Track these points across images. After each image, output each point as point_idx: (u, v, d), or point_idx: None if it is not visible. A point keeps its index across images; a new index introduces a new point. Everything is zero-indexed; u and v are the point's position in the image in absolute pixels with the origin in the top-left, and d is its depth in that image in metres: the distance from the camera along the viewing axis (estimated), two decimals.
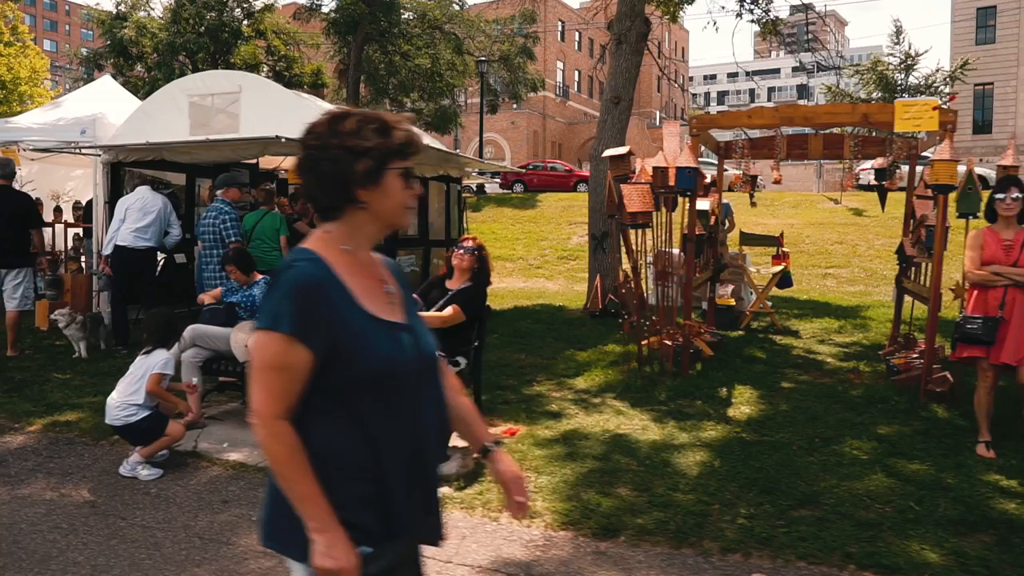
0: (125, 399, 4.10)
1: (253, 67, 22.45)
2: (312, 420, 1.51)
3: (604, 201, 9.38)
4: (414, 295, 4.68)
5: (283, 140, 6.31)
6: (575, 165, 31.51)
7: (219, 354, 4.87)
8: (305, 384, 1.49)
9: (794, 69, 62.91)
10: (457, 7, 21.86)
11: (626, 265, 8.32)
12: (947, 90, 26.69)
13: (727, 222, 9.51)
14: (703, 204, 7.01)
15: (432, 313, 4.45)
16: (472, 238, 4.81)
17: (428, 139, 10.30)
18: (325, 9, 21.36)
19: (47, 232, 9.23)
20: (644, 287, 9.98)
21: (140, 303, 7.09)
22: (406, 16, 21.46)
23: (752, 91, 68.39)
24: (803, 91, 68.78)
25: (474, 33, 21.70)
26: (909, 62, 26.80)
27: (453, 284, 4.69)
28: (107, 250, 6.97)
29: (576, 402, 5.56)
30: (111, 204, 8.00)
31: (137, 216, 6.89)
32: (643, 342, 7.36)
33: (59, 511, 3.66)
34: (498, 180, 24.01)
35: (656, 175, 6.04)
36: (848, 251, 16.45)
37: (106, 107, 8.89)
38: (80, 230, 10.12)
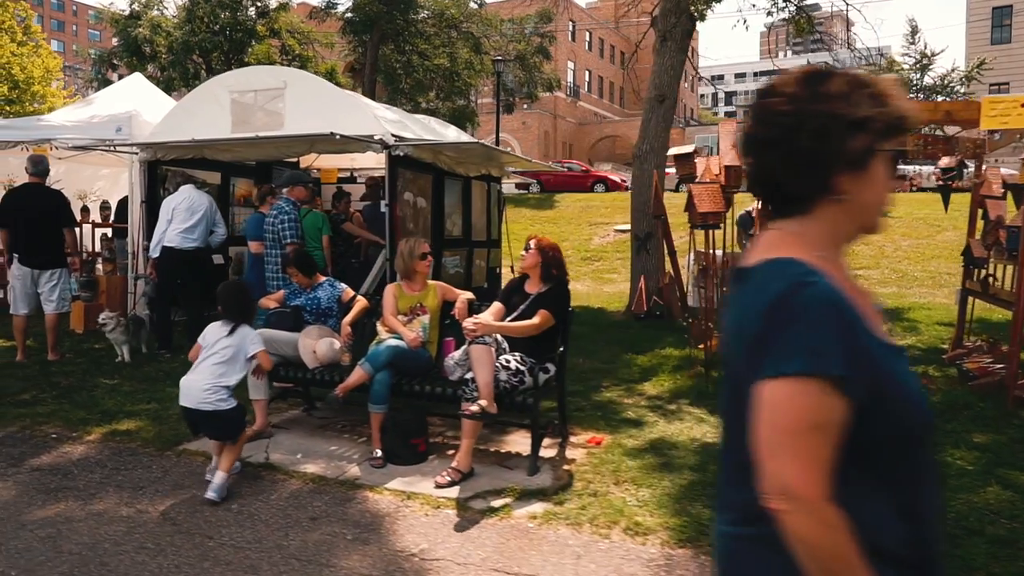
0: (216, 381, 3.75)
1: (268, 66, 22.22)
2: (843, 495, 1.09)
3: (648, 202, 9.21)
4: (496, 302, 4.50)
5: (338, 137, 6.08)
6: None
7: (285, 360, 4.64)
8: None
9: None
10: (476, 5, 21.62)
11: (677, 266, 8.23)
12: (963, 90, 26.51)
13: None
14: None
15: (526, 322, 4.22)
16: (537, 238, 4.58)
17: (465, 136, 10.08)
18: (341, 8, 21.14)
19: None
20: (686, 287, 9.84)
21: (184, 305, 6.88)
22: (423, 15, 21.22)
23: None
24: None
25: (490, 32, 21.45)
26: (924, 62, 26.65)
27: (532, 287, 4.46)
28: (155, 252, 6.73)
29: (652, 409, 5.33)
30: (148, 204, 7.79)
31: (184, 216, 6.66)
32: (700, 346, 7.17)
33: (140, 529, 3.43)
34: (514, 180, 23.75)
35: (729, 174, 5.81)
36: (875, 252, 16.21)
37: (139, 105, 8.65)
38: (108, 230, 9.90)
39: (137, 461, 4.27)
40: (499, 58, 21.53)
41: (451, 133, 9.07)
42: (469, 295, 4.79)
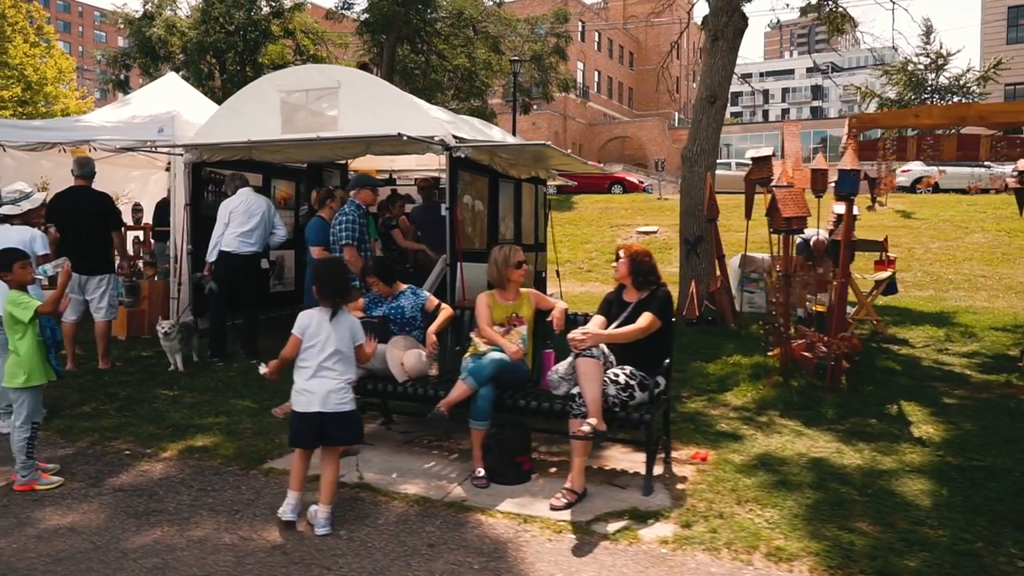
0: (343, 378, 3.48)
1: (282, 67, 21.94)
2: None
3: (699, 204, 9.00)
4: (596, 315, 4.27)
5: (405, 138, 5.85)
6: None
7: (371, 373, 4.40)
8: None
9: (808, 70, 62.69)
10: (495, 4, 21.37)
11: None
12: (979, 90, 26.35)
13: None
14: (840, 208, 6.54)
15: (632, 327, 3.99)
16: (625, 246, 4.36)
17: (511, 137, 9.85)
18: (357, 8, 20.87)
19: None
20: (733, 291, 9.62)
21: (242, 311, 6.64)
22: (439, 15, 20.98)
23: (766, 92, 68.08)
24: (817, 92, 68.59)
25: (507, 32, 21.23)
26: (940, 62, 26.47)
27: (630, 296, 4.23)
28: (212, 256, 6.49)
29: (743, 421, 5.11)
30: (192, 206, 7.55)
31: (241, 220, 6.43)
32: (770, 353, 6.95)
33: (250, 559, 3.19)
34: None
35: (815, 178, 5.60)
36: (905, 254, 16.01)
37: (178, 105, 8.43)
38: (140, 233, 9.65)
39: (223, 481, 4.03)
40: (516, 58, 21.30)
41: (495, 134, 8.83)
42: (564, 304, 4.57)
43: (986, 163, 19.78)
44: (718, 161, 30.92)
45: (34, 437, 3.97)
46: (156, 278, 8.20)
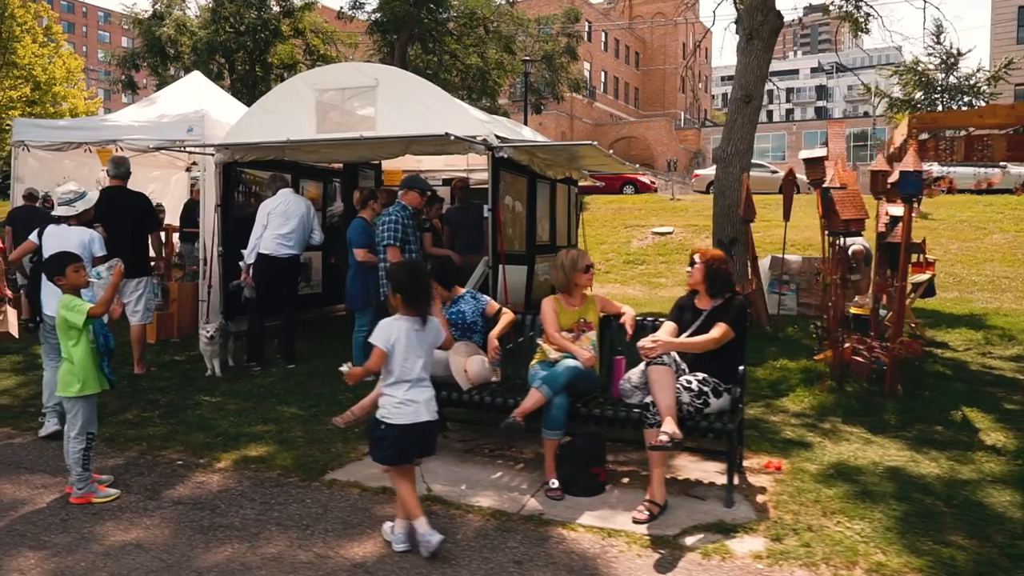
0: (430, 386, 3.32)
1: (291, 67, 21.82)
2: None
3: (733, 205, 8.86)
4: (668, 321, 4.12)
5: (452, 138, 5.70)
6: None
7: (433, 381, 4.24)
8: None
9: (812, 70, 62.59)
10: (508, 4, 21.22)
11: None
12: (989, 90, 26.24)
13: None
14: (896, 210, 6.40)
15: (705, 337, 3.85)
16: (700, 251, 4.22)
17: (540, 136, 9.70)
18: (369, 8, 20.72)
19: None
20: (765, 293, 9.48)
21: (280, 315, 6.49)
22: (451, 15, 20.82)
23: (771, 92, 67.89)
24: (822, 92, 68.43)
25: (519, 32, 21.08)
26: (951, 62, 26.38)
27: (703, 303, 4.09)
28: (250, 258, 6.34)
29: (807, 428, 4.96)
30: (224, 207, 7.39)
31: (280, 221, 6.27)
32: (817, 356, 6.81)
33: None
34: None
35: (875, 179, 5.46)
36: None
37: (205, 104, 8.27)
38: (162, 234, 9.49)
39: (286, 494, 3.88)
40: (527, 58, 21.14)
41: (526, 133, 8.69)
42: (632, 310, 4.43)
43: (1001, 164, 19.65)
44: None
45: (89, 448, 3.82)
46: (185, 279, 8.04)
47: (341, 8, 21.74)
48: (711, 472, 4.23)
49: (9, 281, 6.70)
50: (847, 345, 6.30)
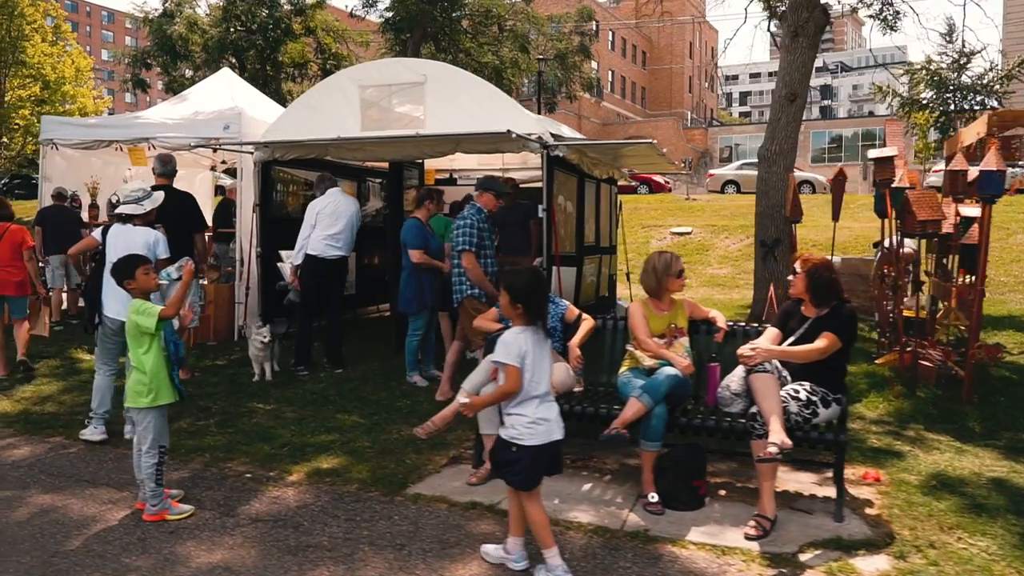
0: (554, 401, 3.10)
1: (302, 65, 21.60)
2: None
3: (777, 205, 8.68)
4: (771, 327, 3.92)
5: (514, 136, 5.50)
6: None
7: None
8: None
9: (817, 70, 62.40)
10: (523, 2, 21.02)
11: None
12: (1002, 89, 26.05)
13: None
14: (969, 211, 6.19)
15: (810, 346, 3.65)
16: (803, 257, 4.02)
17: (579, 134, 9.51)
18: (381, 6, 20.51)
19: None
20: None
21: (327, 318, 6.28)
22: (465, 13, 20.63)
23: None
24: (826, 91, 68.35)
25: (531, 30, 20.90)
26: (963, 61, 26.23)
27: (810, 311, 3.89)
28: (297, 259, 6.13)
29: (891, 435, 4.78)
30: (263, 207, 7.18)
31: (328, 222, 6.06)
32: (879, 360, 6.63)
33: None
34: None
35: (953, 180, 5.27)
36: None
37: (239, 101, 8.07)
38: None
39: (370, 510, 3.67)
40: (541, 57, 20.95)
41: (565, 131, 8.50)
42: (722, 315, 4.24)
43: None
44: (745, 161, 30.54)
45: (162, 463, 3.61)
46: (219, 282, 7.83)
47: (352, 8, 21.52)
48: (807, 483, 4.04)
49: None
50: (909, 349, 6.14)
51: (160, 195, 4.81)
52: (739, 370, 3.90)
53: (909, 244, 8.10)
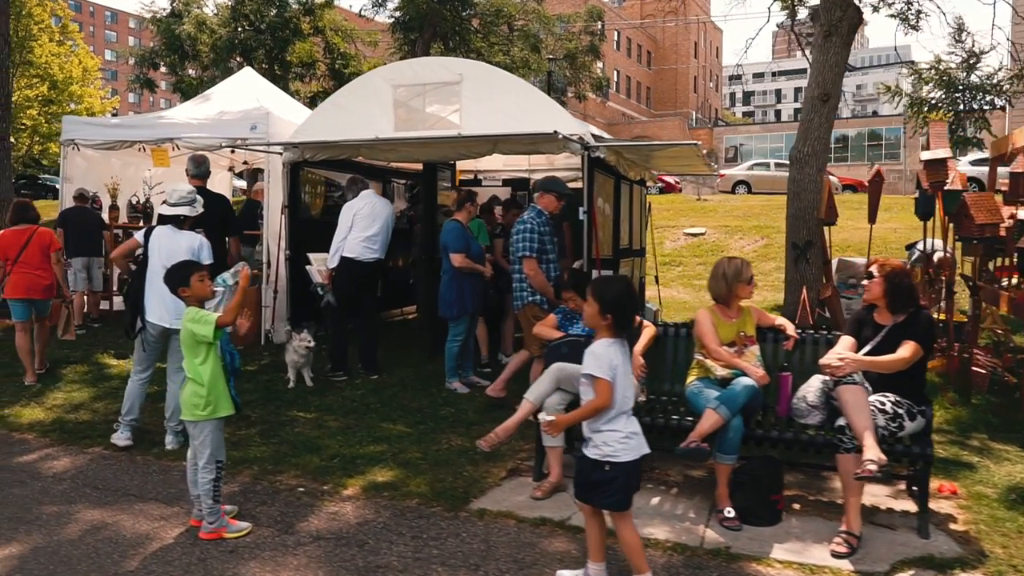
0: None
1: (310, 65, 21.43)
2: None
3: (809, 207, 8.53)
4: (845, 336, 3.77)
5: (561, 136, 5.36)
6: None
7: (578, 400, 3.89)
8: None
9: None
10: (535, 1, 20.85)
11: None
12: (1012, 89, 25.93)
13: None
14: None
15: (896, 356, 3.50)
16: (880, 261, 3.87)
17: (605, 134, 9.36)
18: (391, 6, 20.31)
19: None
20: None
21: (362, 322, 6.13)
22: (475, 12, 20.46)
23: (779, 91, 67.76)
24: None
25: (541, 30, 20.73)
26: (972, 61, 26.12)
27: (884, 318, 3.74)
28: (333, 262, 5.97)
29: (956, 445, 4.64)
30: (292, 208, 7.03)
31: (365, 223, 5.91)
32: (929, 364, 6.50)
33: None
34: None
35: (1018, 182, 5.14)
36: None
37: (264, 101, 7.92)
38: None
39: (436, 526, 3.53)
40: (551, 56, 20.82)
41: (592, 130, 8.37)
42: (790, 323, 4.11)
43: None
44: (756, 162, 30.40)
45: (219, 478, 3.46)
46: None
47: (362, 8, 21.33)
48: (881, 496, 3.90)
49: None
50: (961, 355, 6.01)
51: (200, 199, 4.67)
52: (815, 380, 3.77)
53: (943, 248, 7.98)
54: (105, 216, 8.52)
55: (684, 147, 6.48)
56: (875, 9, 12.91)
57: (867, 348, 3.70)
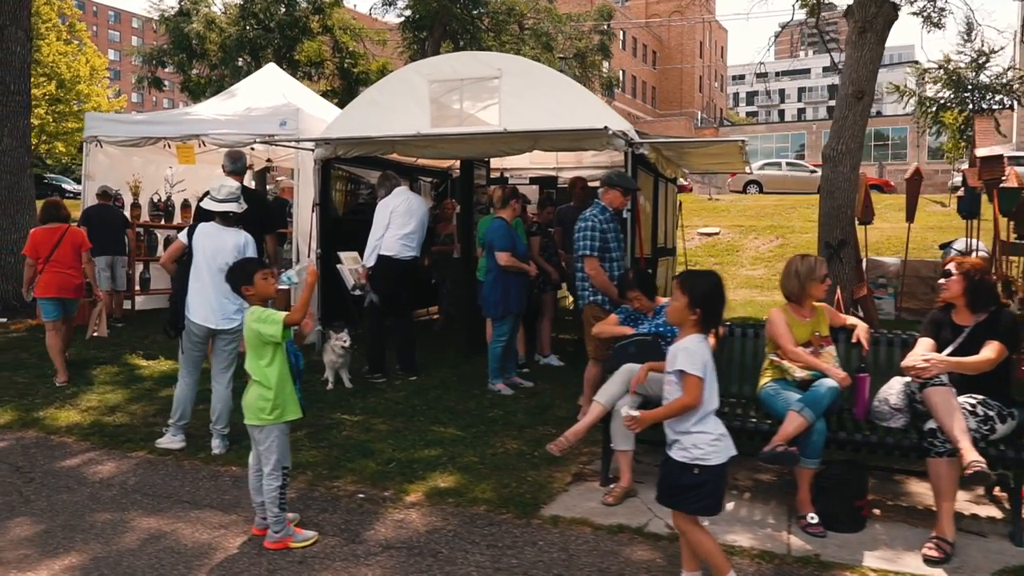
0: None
1: (318, 64, 21.29)
2: None
3: (843, 206, 8.42)
4: (924, 337, 3.64)
5: (610, 132, 5.24)
6: None
7: (647, 401, 3.77)
8: None
9: (825, 69, 62.37)
10: (547, 0, 20.74)
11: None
12: (1022, 88, 25.93)
13: None
14: None
15: (981, 358, 3.38)
16: (957, 259, 3.75)
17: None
18: (401, 4, 20.17)
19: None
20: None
21: (399, 322, 6.00)
22: (486, 11, 20.32)
23: (782, 91, 67.76)
24: (834, 91, 68.08)
25: (555, 30, 20.61)
26: (981, 60, 26.09)
27: (963, 319, 3.61)
28: (370, 261, 5.83)
29: None
30: (322, 206, 6.90)
31: (402, 220, 5.78)
32: None
33: None
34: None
35: None
36: None
37: (290, 97, 7.78)
38: None
39: (509, 535, 3.39)
40: (562, 56, 20.71)
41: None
42: (863, 323, 3.99)
43: None
44: (767, 161, 30.20)
45: (286, 485, 3.32)
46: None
47: (372, 8, 21.17)
48: (960, 501, 3.75)
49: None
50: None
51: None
52: (895, 382, 3.65)
53: (982, 248, 7.88)
54: (127, 214, 8.39)
55: (726, 144, 6.35)
56: (895, 6, 12.77)
57: (949, 349, 3.58)
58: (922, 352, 3.55)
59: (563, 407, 5.28)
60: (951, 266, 3.72)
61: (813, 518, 3.40)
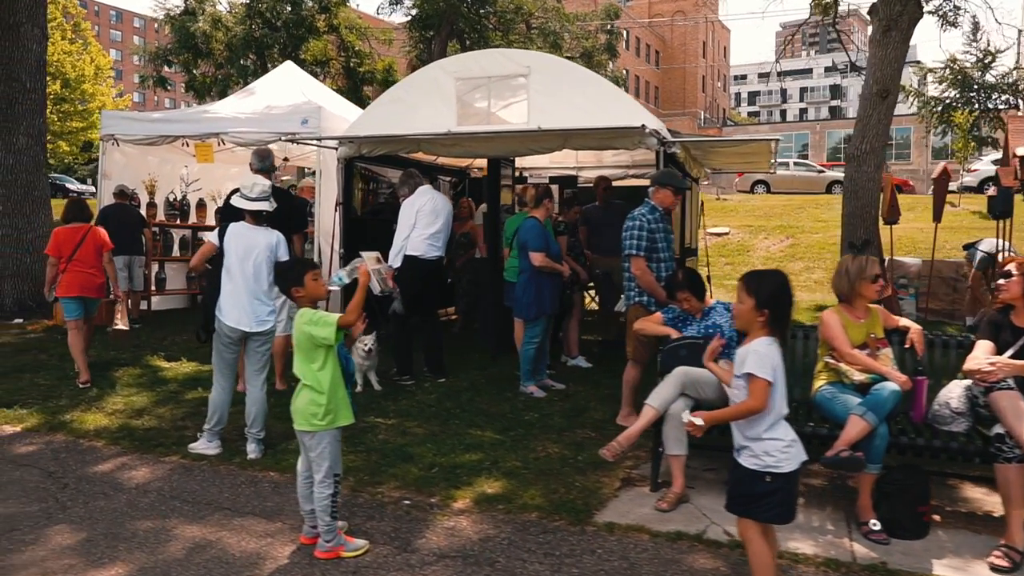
0: None
1: (323, 63, 21.20)
2: None
3: (867, 205, 8.35)
4: (982, 340, 3.56)
5: (648, 130, 5.16)
6: None
7: (698, 405, 3.68)
8: None
9: (827, 69, 62.47)
10: (555, 1, 20.69)
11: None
12: None
13: None
14: None
15: None
16: (1017, 260, 3.68)
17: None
18: (408, 3, 20.11)
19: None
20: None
21: (425, 323, 5.91)
22: (493, 10, 20.26)
23: (784, 91, 67.75)
24: (836, 91, 68.38)
25: (563, 30, 20.56)
26: (987, 60, 26.06)
27: (1021, 319, 3.55)
28: (396, 262, 5.75)
29: None
30: (345, 205, 6.81)
31: (428, 220, 5.69)
32: None
33: None
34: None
35: None
36: None
37: (311, 95, 7.69)
38: None
39: (566, 542, 3.31)
40: (570, 56, 20.63)
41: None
42: (918, 325, 3.91)
43: None
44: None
45: (337, 493, 3.22)
46: None
47: (379, 8, 21.10)
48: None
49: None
50: None
51: None
52: (955, 385, 3.58)
53: (1012, 250, 7.80)
54: (143, 213, 8.29)
55: (757, 143, 6.28)
56: (917, 6, 12.71)
57: (1010, 352, 3.51)
58: (984, 355, 3.48)
59: (599, 409, 5.20)
60: (1011, 267, 3.65)
61: (876, 524, 3.32)
